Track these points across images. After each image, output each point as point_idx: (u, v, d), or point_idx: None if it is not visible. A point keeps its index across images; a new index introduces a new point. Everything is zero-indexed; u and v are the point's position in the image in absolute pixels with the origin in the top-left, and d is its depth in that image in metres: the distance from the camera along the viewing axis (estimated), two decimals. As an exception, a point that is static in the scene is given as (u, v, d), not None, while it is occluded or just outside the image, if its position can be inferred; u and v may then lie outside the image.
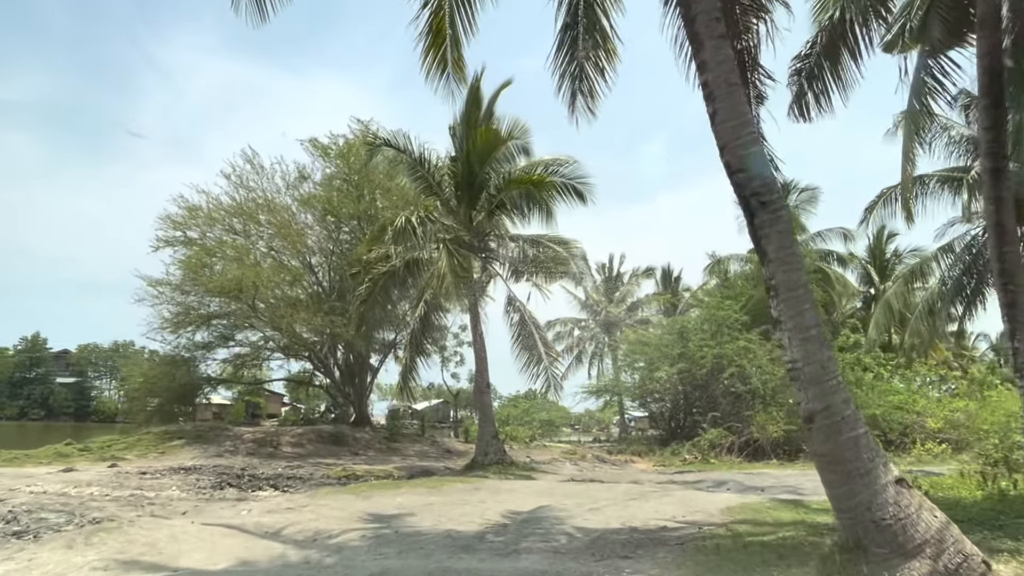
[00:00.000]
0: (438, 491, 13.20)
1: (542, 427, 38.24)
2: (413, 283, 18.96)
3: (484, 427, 18.98)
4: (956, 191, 21.90)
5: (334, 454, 22.20)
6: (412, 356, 18.65)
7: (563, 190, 18.30)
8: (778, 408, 25.24)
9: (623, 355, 33.20)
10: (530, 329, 19.38)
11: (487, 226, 19.25)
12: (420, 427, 30.83)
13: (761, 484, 17.12)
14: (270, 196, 25.36)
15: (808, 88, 11.21)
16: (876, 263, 40.51)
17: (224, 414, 52.67)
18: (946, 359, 36.70)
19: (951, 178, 21.34)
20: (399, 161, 18.91)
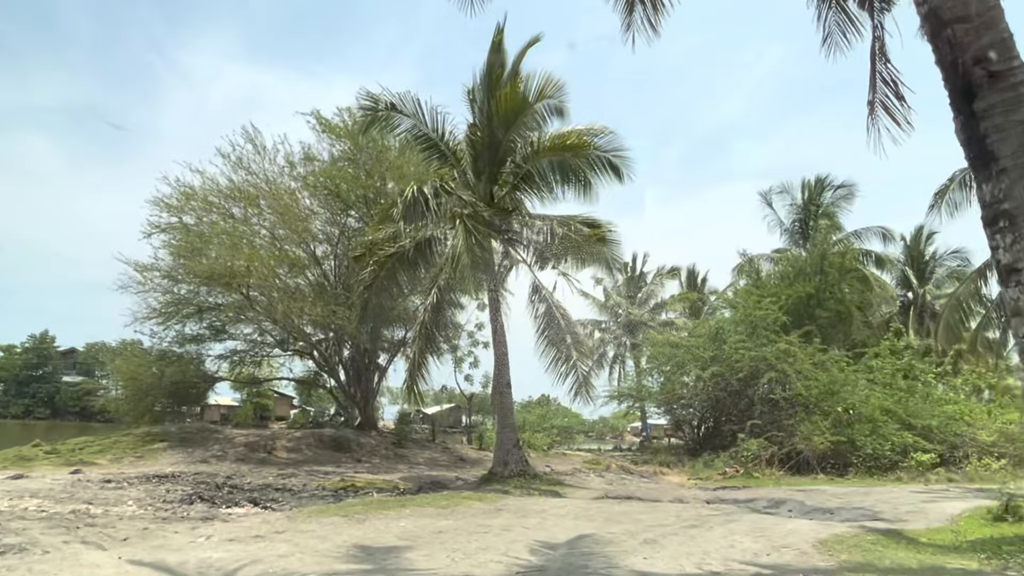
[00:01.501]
0: (451, 512, 10.51)
1: (559, 434, 35.48)
2: (425, 267, 16.31)
3: (504, 433, 16.26)
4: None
5: (334, 461, 19.58)
6: (422, 351, 15.94)
7: (597, 164, 15.61)
8: (823, 417, 22.35)
9: (648, 358, 30.39)
10: (558, 322, 16.66)
11: (510, 203, 16.57)
12: (431, 432, 28.10)
13: (825, 505, 14.35)
14: (272, 178, 22.79)
15: None
16: (914, 265, 37.54)
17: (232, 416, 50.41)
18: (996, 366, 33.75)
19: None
20: (407, 129, 16.25)
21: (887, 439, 20.93)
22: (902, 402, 23.01)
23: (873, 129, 8.46)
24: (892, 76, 8.41)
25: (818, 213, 36.25)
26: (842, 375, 23.72)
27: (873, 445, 20.75)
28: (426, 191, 13.92)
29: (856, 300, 30.48)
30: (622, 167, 15.89)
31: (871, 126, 8.46)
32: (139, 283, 21.57)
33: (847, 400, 22.75)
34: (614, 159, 15.86)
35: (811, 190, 36.68)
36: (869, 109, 8.56)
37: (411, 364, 15.64)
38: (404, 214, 13.78)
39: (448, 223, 14.64)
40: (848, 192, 35.92)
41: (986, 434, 22.49)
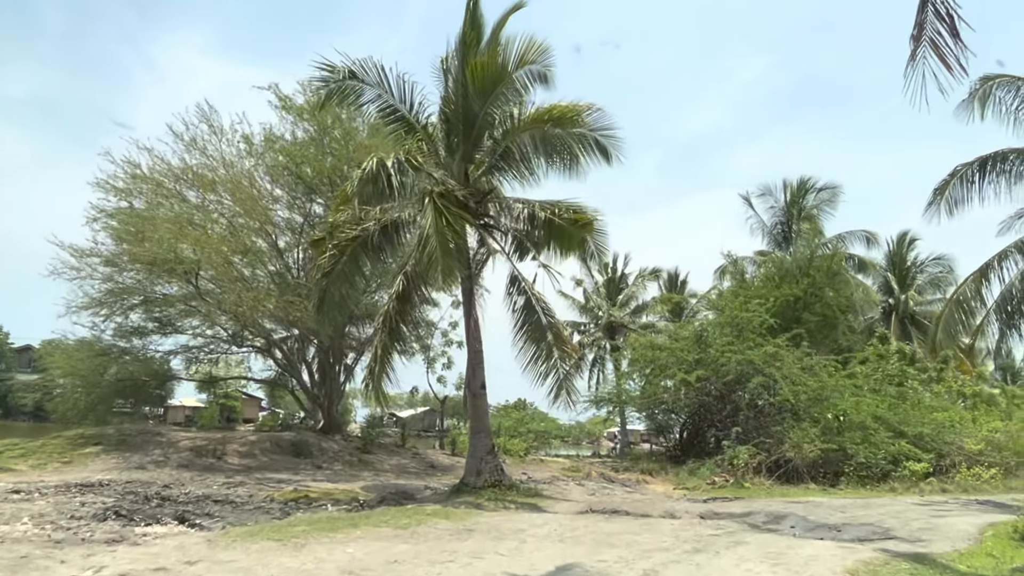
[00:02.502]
0: (411, 534, 8.71)
1: (536, 439, 33.72)
2: (391, 253, 14.48)
3: (477, 439, 14.45)
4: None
5: (291, 467, 17.64)
6: (385, 346, 14.01)
7: (584, 143, 13.94)
8: (812, 424, 21.02)
9: (629, 361, 28.82)
10: (538, 317, 14.94)
11: (487, 185, 14.81)
12: (400, 437, 26.17)
13: (829, 520, 12.87)
14: (230, 161, 20.67)
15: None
16: (896, 271, 36.62)
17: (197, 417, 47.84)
18: (980, 373, 32.96)
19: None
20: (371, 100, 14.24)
21: (879, 447, 19.73)
22: (893, 409, 21.83)
23: (914, 73, 6.87)
24: (949, 7, 6.79)
25: (801, 216, 35.18)
26: (832, 380, 22.44)
27: (865, 453, 19.53)
28: (389, 165, 12.07)
29: (842, 304, 29.35)
30: (611, 148, 14.17)
31: (912, 70, 6.87)
32: (74, 268, 19.30)
33: (837, 406, 21.52)
34: (602, 139, 14.15)
35: (793, 192, 35.59)
36: (912, 45, 6.91)
37: (373, 360, 13.72)
38: (360, 191, 11.90)
39: (416, 204, 12.77)
40: (831, 195, 34.97)
41: (973, 442, 21.53)
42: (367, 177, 11.83)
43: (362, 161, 12.15)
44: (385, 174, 11.85)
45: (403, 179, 12.11)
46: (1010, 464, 21.06)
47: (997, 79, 17.74)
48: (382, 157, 12.10)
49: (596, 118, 13.84)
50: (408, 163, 12.34)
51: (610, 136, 14.05)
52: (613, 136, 14.08)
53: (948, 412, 23.33)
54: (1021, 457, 21.72)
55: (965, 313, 18.75)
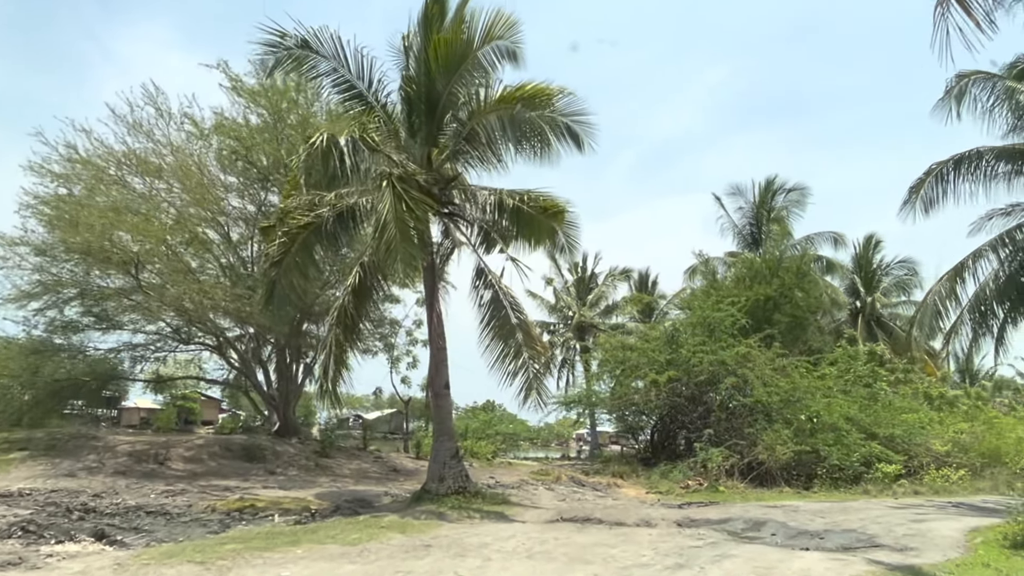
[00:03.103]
0: (360, 551, 7.61)
1: (504, 441, 32.70)
2: (347, 242, 13.26)
3: (441, 443, 13.32)
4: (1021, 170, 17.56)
5: (242, 473, 16.33)
6: (339, 342, 12.71)
7: (554, 128, 12.90)
8: (785, 425, 20.42)
9: (599, 362, 28.00)
10: (506, 312, 13.91)
11: (451, 170, 13.72)
12: (362, 439, 24.84)
13: (810, 526, 12.17)
14: (178, 146, 19.09)
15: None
16: (863, 273, 36.54)
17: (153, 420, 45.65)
18: (945, 375, 32.96)
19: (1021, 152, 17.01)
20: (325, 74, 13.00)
21: (852, 449, 19.24)
22: (865, 410, 21.40)
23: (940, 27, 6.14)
24: (976, -42, 6.05)
25: (770, 217, 34.85)
26: (804, 381, 21.90)
27: (838, 455, 19.00)
28: (341, 143, 10.89)
29: (811, 305, 28.99)
30: (583, 135, 13.10)
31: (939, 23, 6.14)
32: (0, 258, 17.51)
33: (810, 408, 20.97)
34: (574, 125, 13.05)
35: (762, 192, 35.24)
36: (936, 1, 6.20)
37: (326, 357, 12.49)
38: (308, 169, 10.67)
39: (374, 189, 11.57)
40: (800, 196, 34.70)
41: (940, 444, 21.26)
42: (316, 154, 10.61)
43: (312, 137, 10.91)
44: (337, 153, 10.66)
45: (357, 159, 10.92)
46: (976, 465, 20.81)
47: (973, 75, 17.35)
48: (334, 133, 10.94)
49: (568, 103, 12.86)
50: (364, 142, 11.15)
51: (582, 122, 13.07)
52: (585, 122, 13.09)
53: (917, 413, 22.99)
54: (986, 458, 21.52)
55: (940, 312, 18.36)
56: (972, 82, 17.36)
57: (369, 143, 11.30)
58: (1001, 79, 17.26)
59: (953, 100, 17.38)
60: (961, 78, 17.40)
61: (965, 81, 17.36)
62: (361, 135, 11.20)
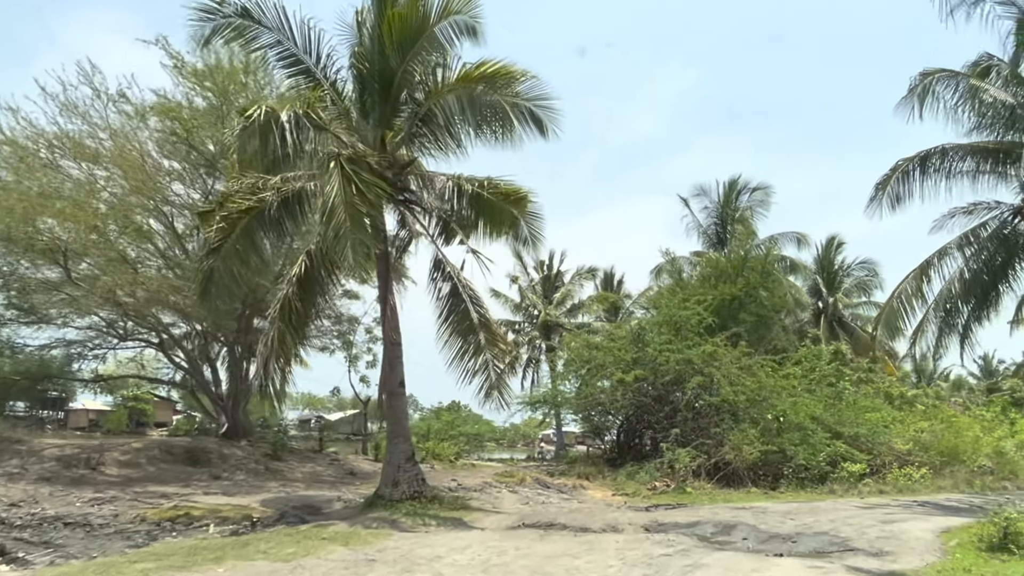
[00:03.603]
0: (292, 567, 6.69)
1: (468, 442, 31.79)
2: (294, 228, 12.20)
3: (395, 445, 12.37)
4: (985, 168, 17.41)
5: (184, 478, 15.14)
6: (282, 336, 11.54)
7: (516, 112, 11.95)
8: (751, 425, 20.03)
9: (565, 361, 27.31)
10: (466, 306, 13.04)
11: (407, 154, 12.77)
12: (318, 441, 23.65)
13: (780, 529, 11.68)
14: (117, 129, 17.62)
15: None
16: (825, 274, 36.65)
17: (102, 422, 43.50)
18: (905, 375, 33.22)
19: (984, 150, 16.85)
20: (268, 45, 11.86)
21: (818, 449, 18.99)
22: (830, 409, 21.18)
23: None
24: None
25: (735, 216, 34.66)
26: (770, 381, 21.56)
27: (804, 455, 18.71)
28: (283, 119, 9.93)
29: (776, 304, 28.78)
30: (546, 120, 12.28)
31: None
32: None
33: (776, 407, 20.64)
34: (537, 109, 12.22)
35: (726, 192, 35.03)
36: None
37: (267, 353, 11.40)
38: (243, 145, 9.59)
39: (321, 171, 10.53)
40: (763, 195, 34.55)
41: (902, 442, 21.21)
42: (252, 130, 9.58)
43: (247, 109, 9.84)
44: (278, 130, 9.65)
45: (301, 138, 9.95)
46: (936, 463, 20.83)
47: (937, 74, 17.14)
48: (274, 107, 9.93)
49: (530, 86, 12.02)
50: (308, 119, 10.14)
51: (545, 107, 12.26)
52: (549, 107, 12.28)
53: (880, 412, 22.90)
54: (945, 456, 21.57)
55: (905, 310, 18.15)
56: (936, 80, 17.13)
57: (315, 121, 10.30)
58: (965, 77, 17.06)
59: (916, 99, 17.14)
60: (925, 76, 17.19)
61: (929, 79, 17.14)
62: (305, 111, 10.20)
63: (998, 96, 16.53)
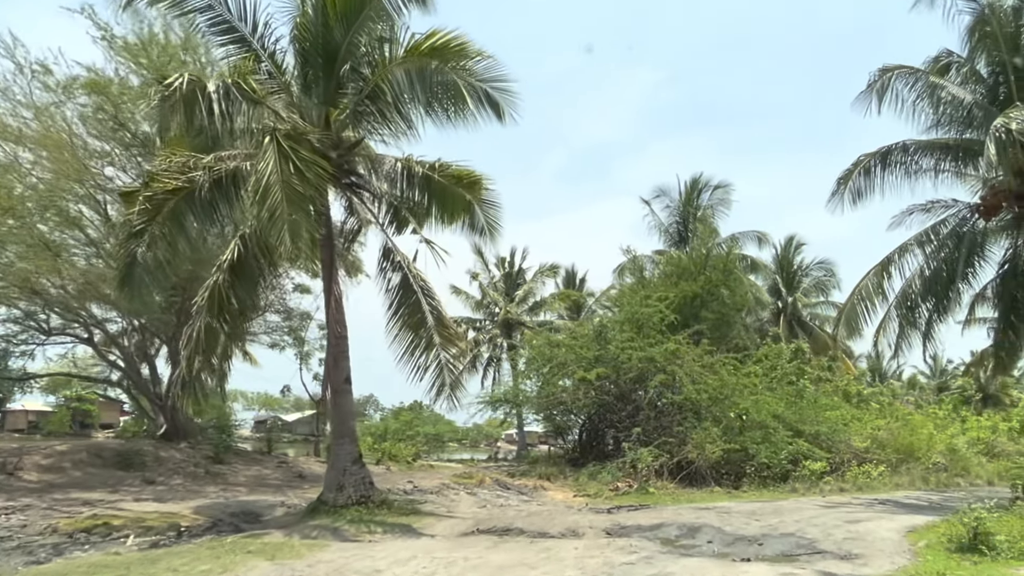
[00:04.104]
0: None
1: (428, 443, 30.83)
2: (228, 211, 11.16)
3: (340, 446, 11.42)
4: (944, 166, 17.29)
5: (112, 484, 13.93)
6: (210, 329, 10.46)
7: (471, 93, 10.94)
8: (714, 423, 19.65)
9: (526, 360, 26.60)
10: (417, 298, 12.15)
11: (354, 135, 11.78)
12: (266, 442, 22.42)
13: (746, 531, 11.17)
14: (43, 107, 16.03)
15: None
16: (784, 274, 36.74)
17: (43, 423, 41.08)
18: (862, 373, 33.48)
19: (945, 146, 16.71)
20: (198, 9, 10.70)
21: (780, 447, 18.72)
22: (791, 407, 20.96)
23: None
24: None
25: (696, 215, 34.45)
26: (732, 379, 21.23)
27: (767, 454, 18.43)
28: (210, 89, 8.87)
29: (738, 303, 28.60)
30: (503, 103, 11.41)
31: None
32: None
33: (739, 405, 20.32)
34: (493, 92, 11.34)
35: (688, 190, 34.81)
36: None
37: (192, 347, 10.22)
38: (164, 116, 8.54)
39: (257, 149, 9.50)
40: (724, 194, 34.34)
41: (860, 440, 21.12)
42: (175, 100, 8.53)
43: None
44: (205, 102, 8.63)
45: (231, 111, 8.96)
46: (892, 461, 20.76)
47: (896, 70, 16.91)
48: (199, 76, 8.91)
49: (486, 67, 11.18)
50: (240, 91, 9.12)
51: (503, 89, 11.44)
52: (506, 90, 11.45)
53: (840, 410, 22.81)
54: (901, 454, 21.58)
55: (866, 308, 17.94)
56: (895, 76, 16.91)
57: (248, 93, 9.29)
58: (924, 74, 16.87)
59: (875, 94, 16.91)
60: (884, 72, 16.96)
61: (888, 75, 16.91)
62: (236, 80, 9.19)
63: (956, 93, 16.37)
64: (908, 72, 16.86)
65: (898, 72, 16.84)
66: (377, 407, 62.18)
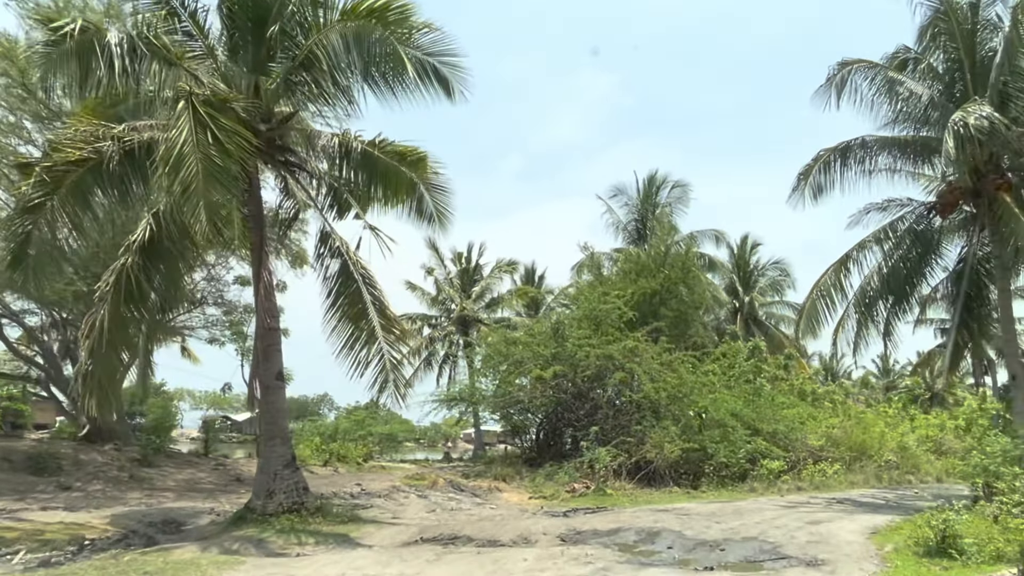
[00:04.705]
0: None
1: (381, 443, 29.61)
2: (142, 186, 9.86)
3: (271, 448, 10.31)
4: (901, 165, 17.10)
5: (21, 490, 12.49)
6: (115, 317, 9.09)
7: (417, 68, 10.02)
8: (673, 422, 19.14)
9: (483, 358, 25.70)
10: (358, 287, 11.10)
11: (286, 107, 10.63)
12: (204, 444, 20.94)
13: (707, 535, 10.57)
14: None
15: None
16: (740, 273, 36.75)
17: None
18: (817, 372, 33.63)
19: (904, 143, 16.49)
20: None
21: (738, 446, 18.36)
22: (749, 405, 20.63)
23: None
24: None
25: (654, 212, 34.09)
26: (692, 377, 20.78)
27: (725, 453, 18.02)
28: (111, 41, 7.66)
29: (696, 301, 28.28)
30: (453, 80, 10.52)
31: None
32: None
33: (698, 403, 19.88)
34: (442, 67, 10.43)
35: (646, 187, 34.44)
36: None
37: (95, 338, 8.92)
38: (47, 69, 7.34)
39: (171, 115, 8.31)
40: (682, 192, 34.05)
41: (815, 438, 20.95)
42: (66, 49, 7.28)
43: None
44: (105, 56, 7.43)
45: (138, 68, 7.80)
46: (846, 459, 20.67)
47: (855, 64, 16.63)
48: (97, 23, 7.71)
49: (434, 40, 10.26)
50: (149, 45, 7.89)
51: (452, 65, 10.55)
52: (456, 66, 10.56)
53: (796, 409, 22.62)
54: (854, 452, 21.51)
55: (826, 304, 17.65)
56: (854, 70, 16.62)
57: (160, 51, 8.11)
58: (883, 68, 16.61)
59: (834, 88, 16.61)
60: (844, 66, 16.65)
61: (848, 69, 16.61)
62: (143, 34, 8.00)
63: (914, 89, 16.15)
64: (867, 66, 16.59)
65: (857, 66, 16.56)
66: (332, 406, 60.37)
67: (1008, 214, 14.38)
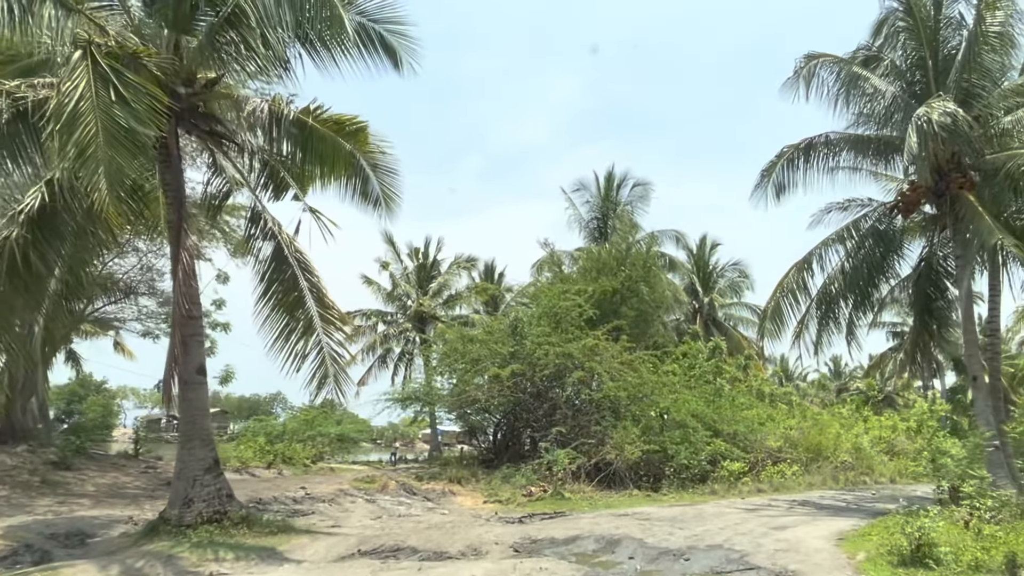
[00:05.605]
0: None
1: (332, 443, 28.23)
2: (37, 150, 8.55)
3: (190, 451, 9.08)
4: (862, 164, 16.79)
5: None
6: (4, 302, 7.76)
7: (360, 36, 9.26)
8: (633, 423, 18.53)
9: (440, 356, 24.65)
10: (293, 273, 9.99)
11: (211, 67, 9.38)
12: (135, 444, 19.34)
13: (669, 542, 9.88)
14: None
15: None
16: (700, 274, 36.52)
17: None
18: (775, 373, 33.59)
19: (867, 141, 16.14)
20: None
21: (699, 447, 17.87)
22: (710, 406, 20.19)
23: None
24: None
25: (616, 211, 33.55)
26: (653, 377, 20.21)
27: (686, 454, 17.48)
28: None
29: (656, 300, 27.82)
30: (400, 50, 9.64)
31: None
32: None
33: (659, 404, 19.32)
34: (388, 35, 9.54)
35: (606, 184, 33.86)
36: None
37: None
38: None
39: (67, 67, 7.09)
40: (644, 191, 33.51)
41: (773, 440, 20.72)
42: None
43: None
44: None
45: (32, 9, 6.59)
46: (803, 460, 20.38)
47: (821, 58, 16.24)
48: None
49: (380, 6, 9.29)
50: None
51: (399, 33, 9.58)
52: (403, 34, 9.60)
53: (755, 410, 22.34)
54: (811, 453, 21.38)
55: (789, 303, 17.22)
56: (820, 64, 16.23)
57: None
58: (848, 64, 16.26)
59: (802, 81, 16.20)
60: (811, 59, 16.25)
61: (814, 63, 16.21)
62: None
63: (878, 85, 15.82)
64: (833, 61, 16.22)
65: (823, 60, 16.18)
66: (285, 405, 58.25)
67: (971, 213, 14.06)
